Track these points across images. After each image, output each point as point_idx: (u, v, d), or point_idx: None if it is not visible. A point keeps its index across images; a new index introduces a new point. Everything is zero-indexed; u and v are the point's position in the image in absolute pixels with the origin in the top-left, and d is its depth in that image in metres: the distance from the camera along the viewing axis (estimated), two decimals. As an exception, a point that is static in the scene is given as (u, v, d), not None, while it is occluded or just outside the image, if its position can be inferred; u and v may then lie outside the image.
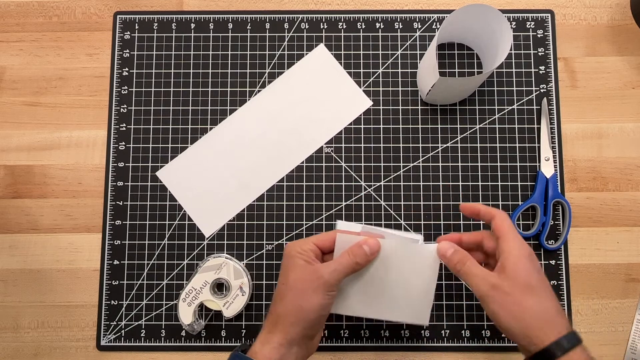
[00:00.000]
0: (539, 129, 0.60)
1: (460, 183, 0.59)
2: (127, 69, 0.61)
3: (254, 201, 0.59)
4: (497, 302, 0.42)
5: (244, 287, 0.54)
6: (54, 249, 0.59)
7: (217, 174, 0.60)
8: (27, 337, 0.57)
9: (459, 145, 0.60)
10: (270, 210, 0.59)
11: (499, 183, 0.59)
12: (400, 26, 0.62)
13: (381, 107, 0.60)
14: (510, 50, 0.60)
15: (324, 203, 0.59)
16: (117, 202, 0.59)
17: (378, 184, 0.59)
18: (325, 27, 0.62)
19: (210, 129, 0.60)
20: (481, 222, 0.58)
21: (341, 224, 0.52)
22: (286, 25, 0.62)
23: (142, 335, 0.57)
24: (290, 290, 0.44)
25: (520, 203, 0.58)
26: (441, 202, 0.59)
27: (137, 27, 0.62)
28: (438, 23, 0.62)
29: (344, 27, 0.62)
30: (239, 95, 0.61)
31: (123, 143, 0.60)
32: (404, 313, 0.49)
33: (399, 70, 0.61)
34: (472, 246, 0.49)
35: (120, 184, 0.59)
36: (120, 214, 0.59)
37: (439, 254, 0.47)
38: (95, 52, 0.62)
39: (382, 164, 0.59)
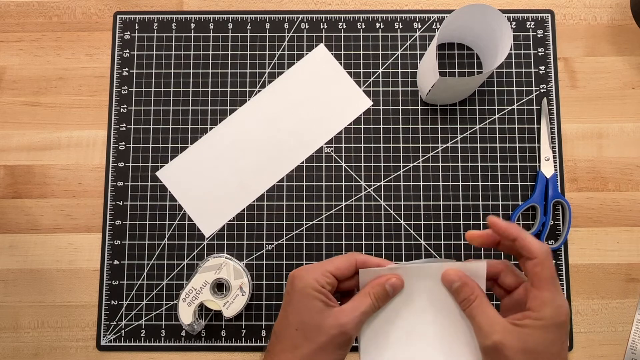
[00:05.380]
0: (539, 129, 0.60)
1: (460, 183, 0.59)
2: (127, 69, 0.61)
3: (254, 201, 0.59)
4: None
5: (244, 287, 0.54)
6: (54, 249, 0.59)
7: (217, 174, 0.60)
8: (27, 337, 0.57)
9: (459, 145, 0.60)
10: (270, 210, 0.59)
11: (499, 183, 0.59)
12: (400, 26, 0.62)
13: (381, 107, 0.60)
14: (510, 50, 0.60)
15: (324, 203, 0.59)
16: (117, 202, 0.59)
17: (378, 184, 0.59)
18: (325, 27, 0.62)
19: (210, 129, 0.60)
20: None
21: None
22: (286, 25, 0.62)
23: (142, 335, 0.57)
24: (308, 342, 0.37)
25: (520, 203, 0.58)
26: (441, 202, 0.59)
27: (137, 27, 0.62)
28: (438, 23, 0.62)
29: (344, 27, 0.62)
30: (239, 95, 0.61)
31: (123, 143, 0.60)
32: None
33: (399, 70, 0.61)
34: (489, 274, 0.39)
35: (120, 184, 0.59)
36: (120, 214, 0.59)
37: (444, 283, 0.39)
38: (95, 52, 0.62)
39: (382, 164, 0.59)
